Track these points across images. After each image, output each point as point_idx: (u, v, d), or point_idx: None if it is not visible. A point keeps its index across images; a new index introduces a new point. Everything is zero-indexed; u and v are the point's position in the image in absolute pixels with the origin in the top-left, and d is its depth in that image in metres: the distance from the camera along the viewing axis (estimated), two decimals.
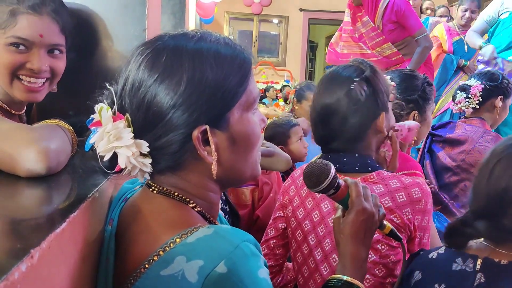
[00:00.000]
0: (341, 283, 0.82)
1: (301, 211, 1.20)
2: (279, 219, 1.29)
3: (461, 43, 3.74)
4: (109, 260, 0.69)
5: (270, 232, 1.30)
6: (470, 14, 3.68)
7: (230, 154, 0.70)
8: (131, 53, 0.70)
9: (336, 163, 1.14)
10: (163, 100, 0.65)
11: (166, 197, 0.70)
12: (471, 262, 0.96)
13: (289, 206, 1.24)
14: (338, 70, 1.20)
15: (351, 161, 1.14)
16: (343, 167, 1.14)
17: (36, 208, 0.68)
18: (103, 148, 0.65)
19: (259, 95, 0.76)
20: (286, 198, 1.26)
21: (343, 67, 1.22)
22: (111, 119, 0.65)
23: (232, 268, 0.59)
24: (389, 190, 1.09)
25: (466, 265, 0.96)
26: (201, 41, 0.69)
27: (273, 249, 1.29)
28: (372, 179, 1.11)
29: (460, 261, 0.98)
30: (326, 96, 1.17)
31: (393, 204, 1.08)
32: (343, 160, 1.15)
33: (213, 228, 0.64)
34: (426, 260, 1.04)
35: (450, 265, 0.98)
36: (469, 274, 0.95)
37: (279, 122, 2.41)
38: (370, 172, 1.12)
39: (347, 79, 1.15)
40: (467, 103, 2.15)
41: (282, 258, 1.31)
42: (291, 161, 2.06)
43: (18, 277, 0.41)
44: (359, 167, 1.14)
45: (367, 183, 1.10)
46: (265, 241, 1.30)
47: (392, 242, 1.09)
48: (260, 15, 8.58)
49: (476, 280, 0.93)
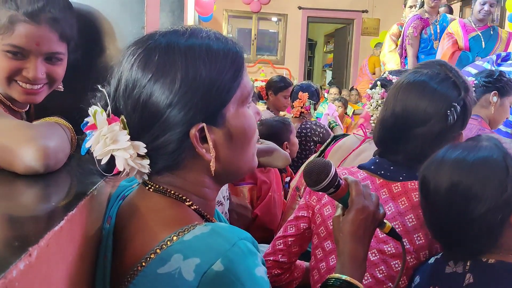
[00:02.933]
0: (340, 282, 0.82)
1: (328, 209, 1.19)
2: (301, 218, 1.27)
3: (478, 39, 3.57)
4: (107, 258, 0.69)
5: (290, 229, 1.28)
6: (489, 8, 3.49)
7: (228, 150, 0.70)
8: (122, 53, 0.70)
9: (381, 169, 1.15)
10: (158, 99, 0.64)
11: (162, 195, 0.70)
12: (461, 263, 0.98)
13: (317, 205, 1.22)
14: (428, 80, 1.11)
15: (398, 170, 1.13)
16: (387, 174, 1.13)
17: (35, 206, 0.68)
18: (100, 152, 0.65)
19: (253, 88, 0.76)
20: (314, 198, 1.25)
21: (436, 77, 1.11)
22: (106, 122, 0.65)
23: (228, 266, 0.59)
24: None
25: (457, 267, 0.98)
26: (192, 38, 0.68)
27: (289, 246, 1.28)
28: (412, 186, 1.10)
29: (452, 264, 0.99)
30: (409, 105, 1.10)
31: (417, 223, 1.08)
32: (389, 168, 1.14)
33: (210, 226, 0.64)
34: (425, 265, 1.07)
35: (443, 268, 1.00)
36: (459, 275, 0.97)
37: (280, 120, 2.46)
38: (412, 181, 1.11)
39: (444, 98, 1.08)
40: None
41: (295, 256, 1.31)
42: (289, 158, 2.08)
43: (16, 275, 0.41)
44: (404, 177, 1.12)
45: (406, 189, 1.10)
46: (283, 237, 1.28)
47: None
48: (259, 13, 8.56)
49: (465, 281, 0.95)
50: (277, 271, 1.28)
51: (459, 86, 1.11)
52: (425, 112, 1.09)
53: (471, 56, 3.53)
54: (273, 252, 1.29)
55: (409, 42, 4.07)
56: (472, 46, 3.59)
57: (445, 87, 1.11)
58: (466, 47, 3.60)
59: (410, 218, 1.09)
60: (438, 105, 1.09)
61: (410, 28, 4.04)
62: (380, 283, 1.09)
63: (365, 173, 1.18)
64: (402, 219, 1.09)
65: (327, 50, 11.25)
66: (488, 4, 3.50)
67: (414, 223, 1.08)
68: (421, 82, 1.12)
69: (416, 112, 1.10)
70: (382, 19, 8.53)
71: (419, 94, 1.11)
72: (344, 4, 8.52)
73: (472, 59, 3.47)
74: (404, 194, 1.11)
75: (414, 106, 1.10)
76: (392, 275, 1.09)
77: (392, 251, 1.09)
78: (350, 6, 8.54)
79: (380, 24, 8.58)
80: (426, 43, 4.06)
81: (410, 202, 1.09)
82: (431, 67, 1.16)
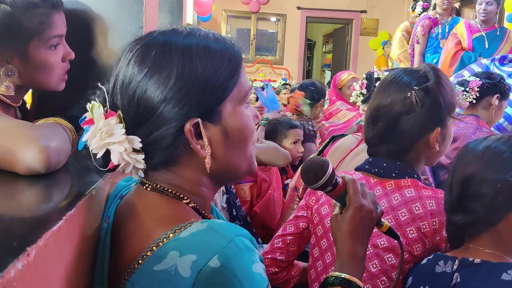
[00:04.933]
0: (339, 280, 0.82)
1: (325, 208, 1.20)
2: (301, 218, 1.28)
3: (481, 40, 3.58)
4: (105, 257, 0.69)
5: (289, 228, 1.29)
6: (486, 6, 3.49)
7: (224, 148, 0.70)
8: (122, 50, 0.70)
9: (374, 167, 1.16)
10: (153, 94, 0.65)
11: (159, 194, 0.70)
12: (451, 263, 0.99)
13: (315, 205, 1.24)
14: (401, 73, 1.17)
15: (390, 167, 1.14)
16: (380, 171, 1.14)
17: (33, 206, 0.68)
18: (95, 145, 0.65)
19: (251, 89, 0.76)
20: (313, 199, 1.26)
21: (409, 70, 1.18)
22: (102, 116, 0.65)
23: (225, 263, 0.59)
24: (420, 196, 1.10)
25: (447, 266, 1.00)
26: (190, 36, 0.69)
27: (288, 245, 1.29)
28: (405, 184, 1.12)
29: (442, 263, 1.01)
30: (382, 98, 1.15)
31: (422, 211, 1.09)
32: (382, 165, 1.15)
33: (207, 223, 0.64)
34: (418, 266, 1.08)
35: (434, 268, 1.02)
36: (448, 275, 0.98)
37: (280, 120, 2.45)
38: (405, 178, 1.13)
39: (406, 85, 1.13)
40: (464, 96, 2.15)
41: (293, 255, 1.31)
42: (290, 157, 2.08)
43: (14, 275, 0.41)
44: (397, 174, 1.14)
45: (399, 185, 1.12)
46: (282, 235, 1.29)
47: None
48: (258, 13, 8.56)
49: (453, 280, 0.96)
50: (274, 269, 1.29)
51: (429, 77, 1.13)
52: (391, 101, 1.13)
53: (473, 57, 3.54)
54: (271, 250, 1.30)
55: (417, 40, 4.08)
56: (475, 46, 3.61)
57: (412, 77, 1.15)
58: (470, 47, 3.61)
59: (403, 213, 1.10)
60: (400, 91, 1.13)
61: (419, 27, 4.06)
62: (374, 277, 1.10)
63: (360, 174, 1.19)
64: (395, 213, 1.11)
65: (326, 50, 11.25)
66: (484, 3, 3.51)
67: (406, 217, 1.10)
68: (394, 76, 1.17)
69: (385, 102, 1.14)
70: (381, 19, 8.54)
71: (389, 86, 1.16)
72: (343, 4, 8.52)
73: (474, 59, 3.49)
74: (397, 190, 1.13)
75: (385, 98, 1.15)
76: (385, 269, 1.10)
77: (385, 244, 1.10)
78: (348, 6, 8.54)
79: (379, 24, 8.59)
80: (433, 41, 4.07)
81: (403, 197, 1.11)
82: (419, 68, 1.20)
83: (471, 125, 2.09)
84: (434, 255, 1.05)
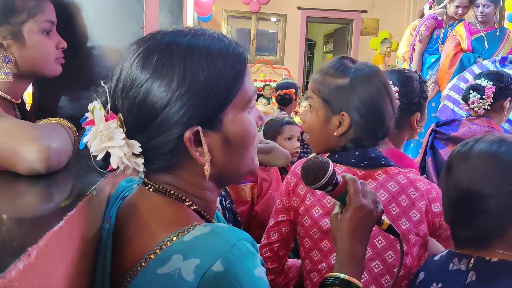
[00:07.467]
0: (338, 281, 0.81)
1: (317, 210, 1.17)
2: (282, 223, 1.25)
3: (481, 40, 3.57)
4: (106, 258, 0.69)
5: (273, 235, 1.26)
6: (483, 9, 3.51)
7: (224, 154, 0.69)
8: (125, 50, 0.69)
9: (363, 161, 1.17)
10: (154, 101, 0.64)
11: (162, 195, 0.70)
12: (465, 261, 0.99)
13: (301, 206, 1.20)
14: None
15: (377, 158, 1.16)
16: (370, 163, 1.15)
17: (34, 206, 0.68)
18: (95, 148, 0.65)
19: (256, 93, 0.75)
20: (295, 200, 1.22)
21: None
22: (103, 118, 0.65)
23: (228, 267, 0.59)
24: (410, 181, 1.14)
25: (461, 264, 0.99)
26: (193, 40, 0.68)
27: (276, 252, 1.27)
28: (393, 171, 1.15)
29: (456, 261, 1.01)
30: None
31: (418, 194, 1.12)
32: (371, 156, 1.16)
33: (210, 227, 0.64)
34: (430, 261, 1.08)
35: (448, 265, 1.01)
36: (462, 272, 0.98)
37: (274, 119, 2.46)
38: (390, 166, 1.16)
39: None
40: (480, 104, 2.13)
41: (284, 258, 1.30)
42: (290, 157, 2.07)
43: (15, 275, 0.41)
44: (384, 161, 1.16)
45: (390, 174, 1.14)
46: (268, 244, 1.27)
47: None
48: (258, 13, 8.57)
49: (468, 278, 0.96)
50: (270, 277, 1.28)
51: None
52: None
53: (473, 58, 3.53)
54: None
55: (420, 39, 4.06)
56: (475, 47, 3.60)
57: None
58: (469, 48, 3.61)
59: (403, 199, 1.12)
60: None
61: (423, 26, 4.04)
62: (378, 277, 1.10)
63: (343, 167, 1.16)
64: (396, 201, 1.12)
65: (327, 50, 11.25)
66: (481, 5, 3.53)
67: (407, 203, 1.12)
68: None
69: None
70: (381, 19, 8.54)
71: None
72: (343, 4, 8.52)
73: (473, 60, 3.48)
74: (391, 179, 1.14)
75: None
76: (388, 267, 1.10)
77: (383, 243, 1.10)
78: (349, 6, 8.54)
79: (379, 24, 8.59)
80: (432, 43, 4.06)
81: (400, 184, 1.13)
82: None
83: (483, 127, 2.08)
84: (448, 252, 1.05)
